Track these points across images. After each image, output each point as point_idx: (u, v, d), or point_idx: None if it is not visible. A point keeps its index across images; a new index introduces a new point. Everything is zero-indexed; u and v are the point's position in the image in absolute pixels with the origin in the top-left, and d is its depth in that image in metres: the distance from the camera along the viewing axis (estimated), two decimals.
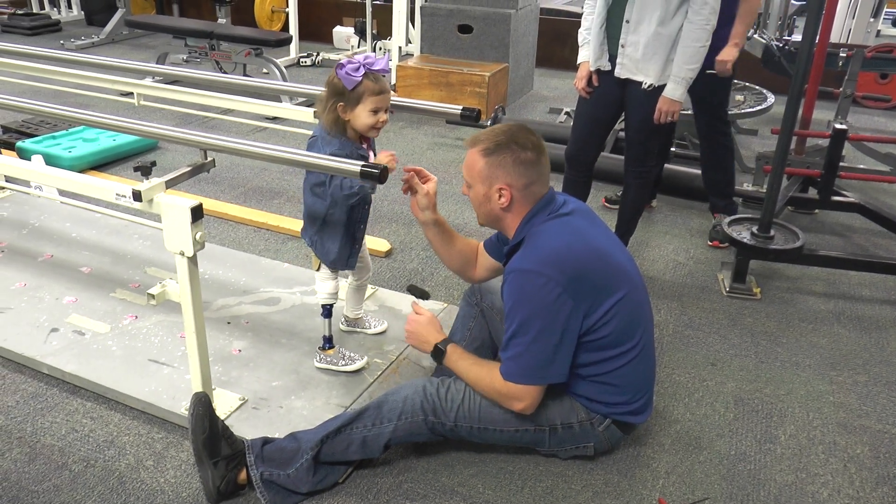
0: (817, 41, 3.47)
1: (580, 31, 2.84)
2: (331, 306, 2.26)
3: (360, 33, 6.22)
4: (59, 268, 2.83)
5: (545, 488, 1.93)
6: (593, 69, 2.78)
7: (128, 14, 6.98)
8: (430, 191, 2.06)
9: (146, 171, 1.83)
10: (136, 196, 1.80)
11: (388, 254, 3.19)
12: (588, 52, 2.79)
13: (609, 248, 1.88)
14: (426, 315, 2.04)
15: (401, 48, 5.69)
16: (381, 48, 6.16)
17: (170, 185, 1.87)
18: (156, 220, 1.88)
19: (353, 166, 1.75)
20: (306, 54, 6.48)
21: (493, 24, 5.24)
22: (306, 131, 2.20)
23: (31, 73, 2.90)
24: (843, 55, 4.28)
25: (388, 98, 2.05)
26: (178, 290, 1.92)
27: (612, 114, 2.89)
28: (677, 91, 2.63)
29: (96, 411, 2.16)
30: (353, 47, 6.62)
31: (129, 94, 2.69)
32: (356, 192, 2.00)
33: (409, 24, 5.82)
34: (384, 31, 6.33)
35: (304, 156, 1.88)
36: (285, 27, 7.09)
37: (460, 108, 2.32)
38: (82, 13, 7.93)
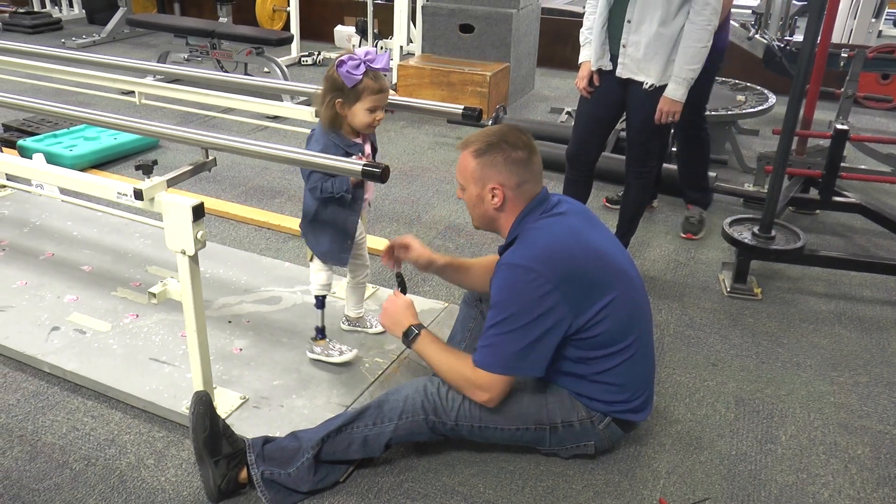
0: (819, 42, 3.46)
1: (581, 30, 2.84)
2: (324, 297, 2.27)
3: (362, 32, 6.22)
4: (60, 266, 2.83)
5: (546, 488, 1.93)
6: (595, 69, 2.78)
7: (129, 13, 6.99)
8: (415, 255, 2.17)
9: (147, 170, 1.84)
10: (138, 195, 1.80)
11: None
12: (589, 52, 2.79)
13: (604, 246, 1.89)
14: (405, 299, 2.06)
15: (402, 47, 5.69)
16: (382, 47, 6.16)
17: (171, 183, 1.87)
18: (157, 218, 1.89)
19: (355, 166, 1.75)
20: (307, 53, 6.49)
21: (494, 24, 5.24)
22: (307, 130, 2.20)
23: (32, 71, 2.90)
24: (845, 56, 4.28)
25: (387, 97, 2.07)
26: (180, 289, 1.92)
27: (614, 114, 2.88)
28: (678, 91, 2.63)
29: (97, 410, 2.16)
30: (354, 46, 6.62)
31: (130, 93, 2.69)
32: (333, 194, 2.03)
33: (411, 23, 5.82)
34: (385, 30, 6.33)
35: (304, 155, 1.88)
36: (286, 26, 7.08)
37: (461, 107, 2.33)
38: (83, 12, 7.93)
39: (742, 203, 3.82)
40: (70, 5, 8.07)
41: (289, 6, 6.37)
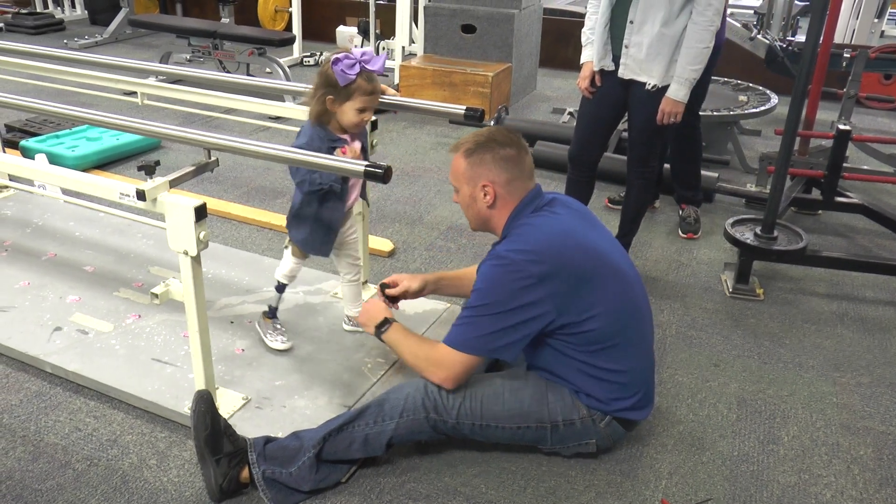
0: (821, 42, 3.46)
1: (583, 30, 2.83)
2: (284, 286, 2.35)
3: (364, 33, 6.22)
4: (62, 267, 2.84)
5: (548, 488, 1.93)
6: (597, 69, 2.78)
7: (131, 13, 7.00)
8: (404, 287, 2.21)
9: (150, 171, 1.84)
10: (140, 195, 1.80)
11: (391, 254, 3.19)
12: (591, 52, 2.79)
13: (598, 243, 1.90)
14: (383, 303, 2.13)
15: (404, 48, 5.69)
16: (384, 48, 6.16)
17: (173, 184, 1.87)
18: (159, 219, 1.89)
19: (357, 166, 1.76)
20: (309, 54, 6.49)
21: (496, 24, 5.24)
22: None
23: (34, 72, 2.90)
24: (847, 56, 4.27)
25: (378, 99, 2.12)
26: (182, 290, 1.92)
27: (615, 114, 2.88)
28: (681, 92, 2.62)
29: (99, 410, 2.16)
30: (356, 47, 6.63)
31: (132, 94, 2.70)
32: (323, 186, 2.06)
33: (413, 23, 5.81)
34: (387, 30, 6.32)
35: (306, 155, 1.88)
36: (288, 27, 7.09)
37: (464, 108, 2.32)
38: (86, 12, 7.94)
39: (744, 203, 3.81)
40: (72, 6, 8.08)
41: (291, 7, 6.37)
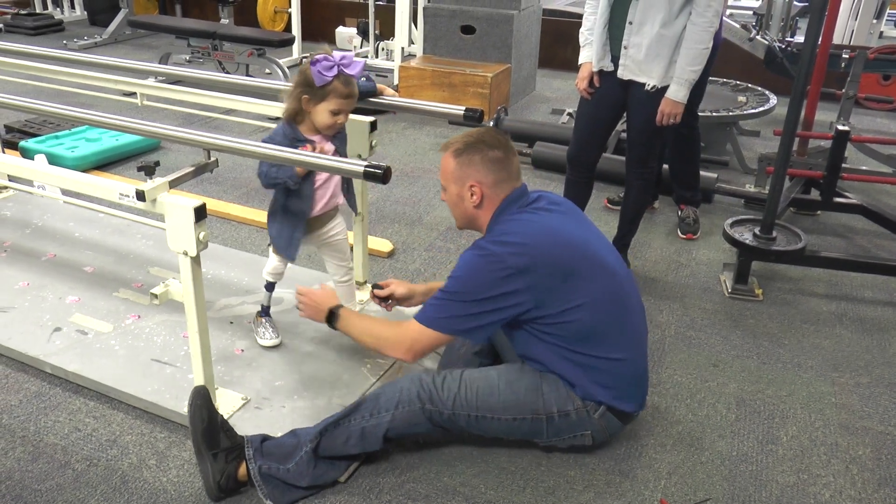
0: (820, 42, 3.46)
1: (581, 31, 2.84)
2: (272, 284, 2.37)
3: (363, 34, 6.23)
4: (62, 267, 2.84)
5: (547, 488, 1.93)
6: (595, 70, 2.78)
7: (130, 14, 6.99)
8: (392, 292, 2.21)
9: (149, 171, 1.84)
10: (140, 196, 1.80)
11: (390, 254, 3.19)
12: (590, 53, 2.79)
13: (582, 238, 1.92)
14: (325, 291, 2.11)
15: (403, 49, 5.70)
16: (383, 48, 6.16)
17: (173, 184, 1.87)
18: (159, 219, 1.89)
19: (357, 167, 1.76)
20: (309, 55, 6.46)
21: (495, 25, 5.24)
22: None
23: (34, 72, 2.90)
24: (846, 56, 4.28)
25: (353, 103, 2.14)
26: (181, 290, 1.93)
27: (614, 115, 2.89)
28: (680, 92, 2.63)
29: (99, 410, 2.16)
30: (355, 48, 6.63)
31: (132, 94, 2.70)
32: (278, 181, 2.08)
33: (412, 24, 5.82)
34: (386, 31, 6.33)
35: (306, 156, 1.88)
36: (288, 27, 7.09)
37: (463, 108, 2.33)
38: (85, 13, 7.93)
39: (743, 204, 3.82)
40: (72, 7, 8.08)
41: (290, 7, 6.37)
